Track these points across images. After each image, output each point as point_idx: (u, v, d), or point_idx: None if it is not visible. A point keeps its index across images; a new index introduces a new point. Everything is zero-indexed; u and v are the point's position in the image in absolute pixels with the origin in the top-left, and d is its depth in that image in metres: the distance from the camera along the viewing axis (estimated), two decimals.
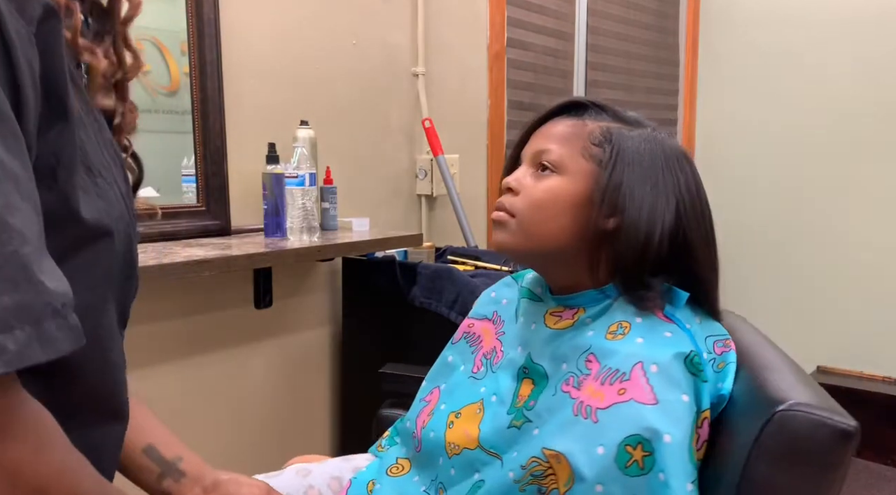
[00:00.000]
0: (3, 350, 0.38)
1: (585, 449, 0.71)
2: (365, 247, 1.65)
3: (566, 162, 0.83)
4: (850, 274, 2.82)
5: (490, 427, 0.83)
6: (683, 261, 0.81)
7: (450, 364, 0.99)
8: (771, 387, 0.70)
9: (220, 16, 1.54)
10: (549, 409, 0.78)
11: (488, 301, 1.02)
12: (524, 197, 0.84)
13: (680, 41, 3.15)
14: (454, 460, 0.86)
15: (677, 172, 0.83)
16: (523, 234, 0.84)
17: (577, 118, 0.88)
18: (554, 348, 0.83)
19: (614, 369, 0.75)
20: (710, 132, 3.15)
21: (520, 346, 0.89)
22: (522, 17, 2.37)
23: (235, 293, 1.65)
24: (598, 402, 0.73)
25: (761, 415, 0.66)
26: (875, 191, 2.76)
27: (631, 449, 0.69)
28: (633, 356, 0.75)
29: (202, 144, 1.54)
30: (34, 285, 0.41)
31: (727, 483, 0.68)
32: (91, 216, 0.50)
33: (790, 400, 0.65)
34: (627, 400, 0.72)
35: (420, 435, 0.92)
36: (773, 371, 0.75)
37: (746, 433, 0.67)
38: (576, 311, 0.84)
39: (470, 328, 1.00)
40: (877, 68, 2.71)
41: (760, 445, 0.65)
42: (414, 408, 0.99)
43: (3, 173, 0.40)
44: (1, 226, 0.39)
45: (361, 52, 1.89)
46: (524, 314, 0.92)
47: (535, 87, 2.46)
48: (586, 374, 0.77)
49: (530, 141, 0.88)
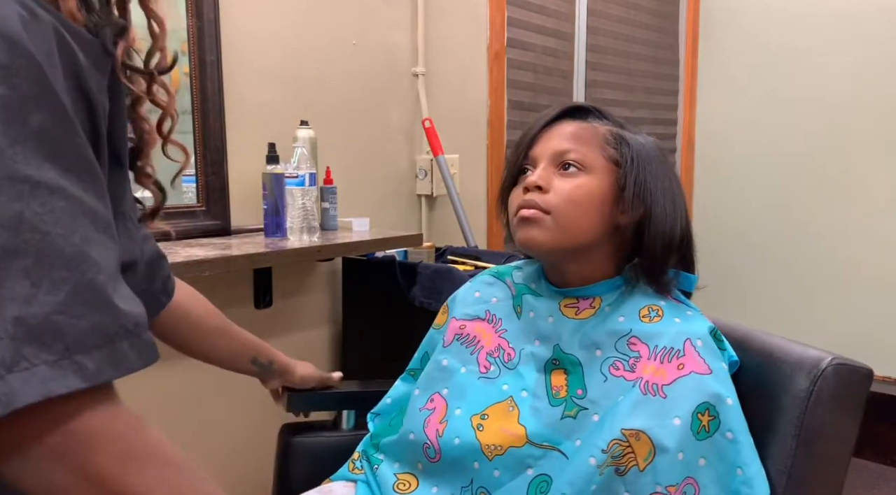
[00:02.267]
0: (83, 367, 0.43)
1: (662, 423, 0.78)
2: (365, 247, 1.65)
3: (591, 161, 0.89)
4: (851, 274, 2.82)
5: (537, 421, 0.86)
6: (684, 247, 0.92)
7: (446, 368, 0.96)
8: (796, 350, 0.85)
9: (220, 16, 1.54)
10: (606, 394, 0.84)
11: (474, 301, 1.01)
12: (558, 194, 0.87)
13: (680, 41, 3.15)
14: (497, 461, 0.85)
15: (671, 169, 0.94)
16: (559, 230, 0.87)
17: (582, 121, 0.93)
18: (582, 336, 0.88)
19: (669, 347, 0.83)
20: (710, 132, 3.15)
21: (537, 340, 0.92)
22: (522, 17, 2.37)
23: (235, 293, 1.65)
24: (662, 379, 0.81)
25: (808, 371, 0.82)
26: (876, 191, 2.76)
27: (701, 416, 0.79)
28: (681, 334, 0.84)
29: (202, 144, 1.54)
30: (109, 309, 0.45)
31: (783, 432, 0.82)
32: (123, 257, 0.55)
33: (830, 357, 0.83)
34: (688, 373, 0.81)
35: (438, 445, 0.89)
36: (774, 338, 0.90)
37: (795, 387, 0.82)
38: (592, 301, 0.90)
39: (461, 330, 0.98)
40: (877, 68, 2.71)
41: (817, 394, 0.81)
42: (412, 418, 0.95)
43: (83, 210, 0.46)
44: (81, 258, 0.44)
45: (361, 52, 1.89)
46: (533, 309, 0.94)
47: (535, 86, 2.46)
48: (636, 357, 0.84)
49: (539, 142, 0.91)
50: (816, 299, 2.89)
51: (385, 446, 0.98)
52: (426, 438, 0.91)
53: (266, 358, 1.10)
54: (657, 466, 0.77)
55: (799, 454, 0.81)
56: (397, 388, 1.08)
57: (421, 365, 1.05)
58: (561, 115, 0.93)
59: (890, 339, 2.75)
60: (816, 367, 0.82)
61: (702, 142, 3.18)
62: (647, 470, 0.77)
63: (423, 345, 1.08)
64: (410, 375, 1.08)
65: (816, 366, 0.82)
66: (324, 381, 1.19)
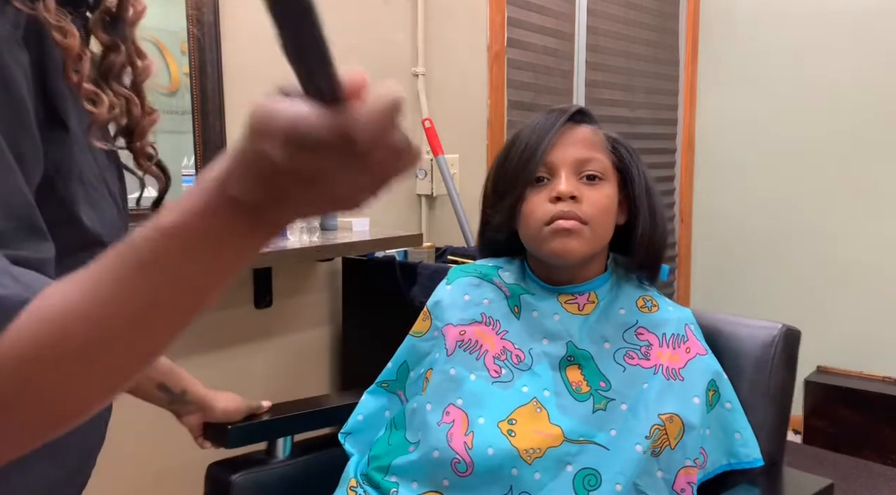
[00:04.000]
0: None
1: (686, 404, 0.87)
2: (365, 247, 1.65)
3: (607, 169, 0.93)
4: (850, 274, 2.82)
5: (570, 418, 0.88)
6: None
7: (455, 377, 0.92)
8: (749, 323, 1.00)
9: (220, 16, 1.54)
10: (628, 384, 0.89)
11: (465, 304, 0.98)
12: (592, 204, 0.90)
13: (680, 41, 3.15)
14: (536, 464, 0.85)
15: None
16: (595, 240, 0.91)
17: (584, 125, 0.95)
18: (590, 331, 0.92)
19: (675, 334, 0.92)
20: (710, 132, 3.15)
21: (545, 339, 0.93)
22: (522, 17, 2.37)
23: (235, 293, 1.65)
24: (677, 364, 0.90)
25: (767, 339, 0.96)
26: (876, 191, 2.76)
27: (710, 392, 0.89)
28: (680, 320, 0.93)
29: (202, 144, 1.54)
30: None
31: (755, 393, 0.95)
32: (90, 223, 0.51)
33: (779, 324, 0.97)
34: (694, 356, 0.91)
35: (469, 457, 0.86)
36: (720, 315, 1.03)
37: (760, 353, 0.96)
38: (589, 296, 0.94)
39: (462, 336, 0.95)
40: (876, 68, 2.71)
41: (777, 356, 0.95)
42: (431, 435, 0.89)
43: None
44: None
45: (361, 52, 1.89)
46: (535, 309, 0.94)
47: (535, 86, 2.46)
48: (646, 345, 0.91)
49: (554, 149, 0.92)
50: (816, 298, 2.89)
51: (399, 468, 0.91)
52: (454, 453, 0.86)
53: (178, 386, 0.95)
54: (686, 443, 0.86)
55: (770, 409, 0.95)
56: (367, 404, 1.01)
57: (397, 376, 1.00)
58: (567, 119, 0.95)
59: (890, 339, 2.75)
60: (772, 335, 0.96)
61: (702, 142, 3.18)
62: (677, 448, 0.86)
63: (399, 355, 1.02)
64: (382, 387, 1.02)
65: (772, 334, 0.96)
66: (252, 412, 1.06)
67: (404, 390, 1.00)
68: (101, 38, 0.56)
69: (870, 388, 2.66)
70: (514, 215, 0.94)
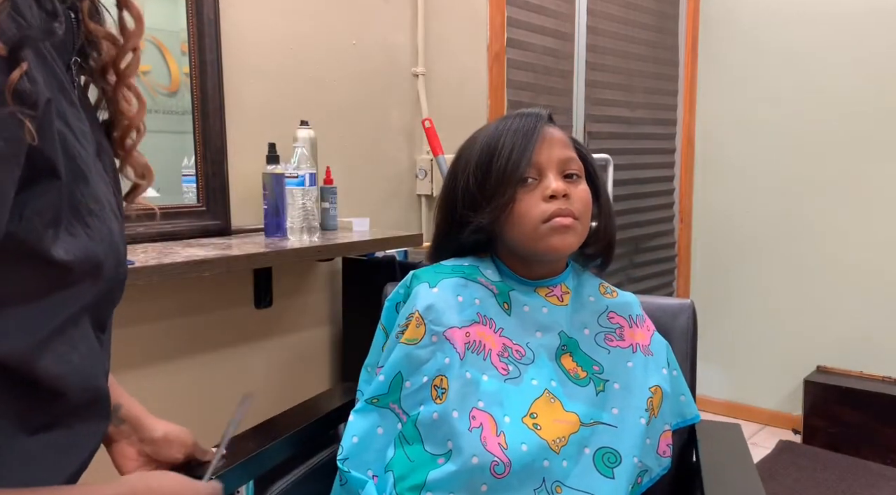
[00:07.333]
0: None
1: (661, 375, 0.99)
2: (365, 247, 1.65)
3: (580, 168, 0.99)
4: (850, 273, 2.82)
5: (581, 404, 0.94)
6: None
7: (471, 381, 0.90)
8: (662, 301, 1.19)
9: (221, 16, 1.55)
10: (616, 364, 0.98)
11: (461, 306, 0.95)
12: (578, 201, 0.96)
13: (679, 41, 3.15)
14: (563, 452, 0.90)
15: None
16: (583, 233, 0.98)
17: (551, 126, 1.00)
18: (570, 319, 1.00)
19: (638, 315, 1.04)
20: (709, 132, 3.15)
21: (538, 332, 0.98)
22: (522, 17, 2.38)
23: (235, 293, 1.65)
24: (644, 341, 1.01)
25: (682, 312, 1.17)
26: (875, 190, 2.76)
27: (668, 363, 1.02)
28: (635, 303, 1.06)
29: (202, 144, 1.54)
30: None
31: (681, 358, 1.10)
32: (75, 256, 0.49)
33: (687, 300, 1.19)
34: (652, 332, 1.04)
35: (507, 457, 0.86)
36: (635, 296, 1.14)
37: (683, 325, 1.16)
38: (561, 287, 1.01)
39: (468, 337, 0.93)
40: (876, 67, 2.71)
41: (694, 326, 1.17)
42: (466, 442, 0.86)
43: None
44: None
45: (361, 52, 1.89)
46: (525, 304, 0.99)
47: (535, 87, 2.46)
48: (618, 327, 1.02)
49: (541, 148, 0.96)
50: (815, 298, 2.89)
51: (437, 483, 0.86)
52: (492, 456, 0.85)
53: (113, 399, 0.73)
54: (664, 410, 0.98)
55: (692, 370, 1.15)
56: (358, 425, 0.94)
57: (389, 389, 0.93)
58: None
59: (890, 339, 2.75)
60: (687, 308, 1.18)
61: (702, 142, 3.18)
62: (659, 416, 0.97)
63: (393, 365, 0.94)
64: (372, 404, 0.94)
65: (686, 307, 1.18)
66: (194, 457, 0.91)
67: (399, 402, 0.93)
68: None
69: (870, 388, 2.66)
70: (503, 216, 0.95)
